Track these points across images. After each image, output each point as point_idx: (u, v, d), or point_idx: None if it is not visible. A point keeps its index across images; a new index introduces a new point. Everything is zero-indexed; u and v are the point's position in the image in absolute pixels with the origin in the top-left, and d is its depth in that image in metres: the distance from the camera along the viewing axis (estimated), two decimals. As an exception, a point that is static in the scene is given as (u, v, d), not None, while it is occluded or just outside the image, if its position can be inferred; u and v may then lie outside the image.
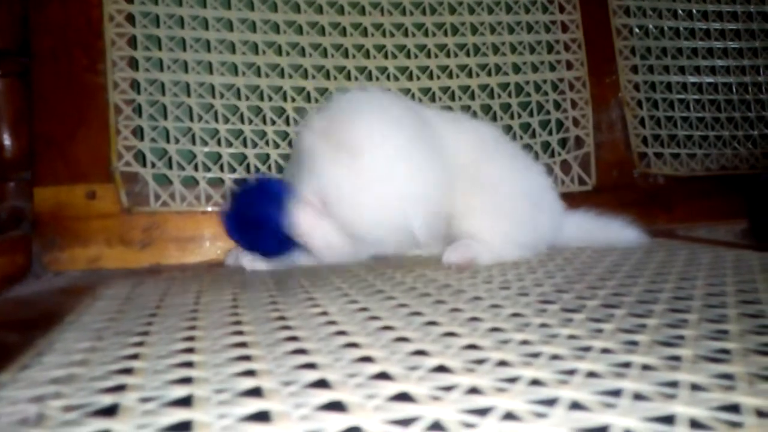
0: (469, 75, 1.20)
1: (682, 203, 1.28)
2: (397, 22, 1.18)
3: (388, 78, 1.15)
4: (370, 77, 1.14)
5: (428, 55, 1.19)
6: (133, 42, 1.03)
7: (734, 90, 1.39)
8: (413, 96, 1.16)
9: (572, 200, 0.98)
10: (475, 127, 0.96)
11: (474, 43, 1.21)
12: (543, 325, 0.48)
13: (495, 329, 0.47)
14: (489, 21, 1.23)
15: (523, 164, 0.94)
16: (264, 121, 1.07)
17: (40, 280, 0.88)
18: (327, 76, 1.12)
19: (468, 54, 1.21)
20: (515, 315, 0.52)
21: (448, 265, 0.81)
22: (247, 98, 1.07)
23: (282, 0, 1.12)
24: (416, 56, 1.18)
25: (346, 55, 1.14)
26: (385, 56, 1.16)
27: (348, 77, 1.13)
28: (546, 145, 1.22)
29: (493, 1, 1.24)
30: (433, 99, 1.17)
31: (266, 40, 1.10)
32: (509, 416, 0.30)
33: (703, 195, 1.29)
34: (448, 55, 1.20)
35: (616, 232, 0.94)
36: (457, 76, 1.19)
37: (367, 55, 1.15)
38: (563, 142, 1.24)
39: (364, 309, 0.57)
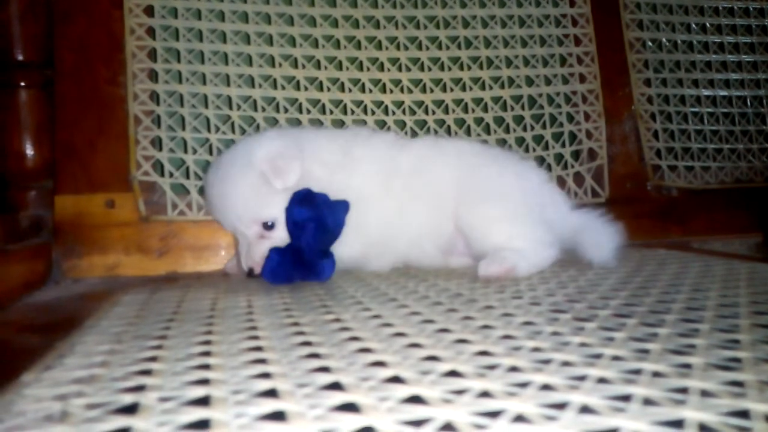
0: (483, 88, 1.21)
1: (696, 216, 1.28)
2: (411, 36, 1.19)
3: (401, 90, 1.17)
4: (384, 89, 1.16)
5: (442, 68, 1.20)
6: (153, 55, 1.06)
7: (749, 103, 1.38)
8: (427, 108, 1.17)
9: (585, 212, 0.98)
10: (454, 143, 1.00)
11: (487, 56, 1.23)
12: (554, 333, 0.48)
13: (507, 337, 0.48)
14: (502, 35, 1.24)
15: (515, 164, 0.96)
16: (279, 133, 1.09)
17: (59, 287, 0.90)
18: (341, 88, 1.14)
19: (481, 67, 1.22)
20: (527, 323, 0.53)
21: (485, 278, 0.79)
22: (264, 110, 1.09)
23: (298, 14, 1.14)
24: (430, 69, 1.19)
25: (360, 68, 1.16)
26: (399, 69, 1.17)
27: (362, 89, 1.15)
28: (559, 158, 1.22)
29: (507, 15, 1.25)
30: (446, 111, 1.18)
31: (282, 53, 1.12)
32: (520, 419, 0.31)
33: (718, 208, 1.28)
34: (461, 68, 1.21)
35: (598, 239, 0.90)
36: (471, 89, 1.20)
37: (382, 67, 1.17)
38: (576, 155, 1.24)
39: (377, 316, 0.58)
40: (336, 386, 0.37)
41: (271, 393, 0.36)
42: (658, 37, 1.34)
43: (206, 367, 0.42)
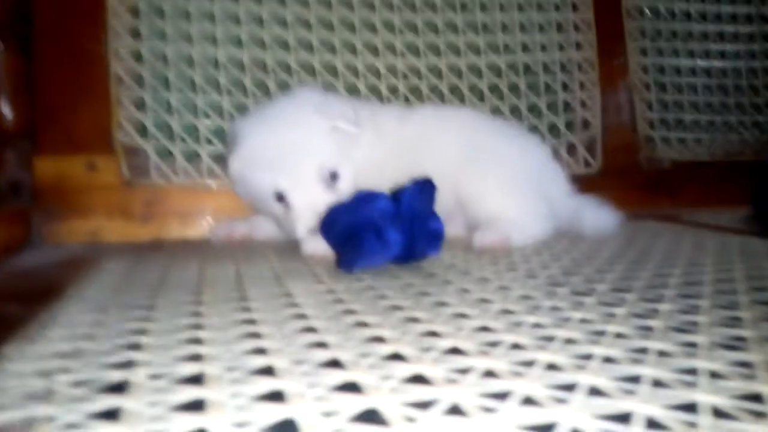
0: (477, 54, 1.18)
1: (686, 188, 1.27)
2: (407, 0, 1.16)
3: (394, 54, 1.13)
4: (376, 53, 1.12)
5: (436, 33, 1.17)
6: (135, 12, 1.01)
7: (743, 75, 1.37)
8: (420, 74, 1.14)
9: (577, 183, 0.97)
10: (459, 112, 0.99)
11: (483, 22, 1.19)
12: (554, 308, 0.47)
13: (506, 311, 0.47)
14: (498, -1, 1.21)
15: (519, 138, 0.96)
16: (268, 95, 1.05)
17: (38, 252, 0.87)
18: (332, 51, 1.10)
19: (476, 33, 1.19)
20: (525, 297, 0.52)
21: (480, 248, 0.79)
22: (252, 72, 1.05)
23: (288, -29, 1.09)
24: (424, 33, 1.16)
25: (353, 30, 1.12)
26: (393, 32, 1.14)
27: (354, 53, 1.11)
28: (552, 127, 1.20)
29: (503, -22, 1.22)
30: (440, 77, 1.15)
31: (272, 13, 1.08)
32: (528, 401, 0.30)
33: (708, 180, 1.28)
34: (456, 32, 1.18)
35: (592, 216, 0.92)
36: (466, 55, 1.17)
37: (374, 30, 1.13)
38: (570, 124, 1.23)
39: (370, 287, 0.56)
40: (334, 363, 0.35)
41: (268, 371, 0.34)
42: (656, 6, 1.32)
43: (197, 341, 0.40)
